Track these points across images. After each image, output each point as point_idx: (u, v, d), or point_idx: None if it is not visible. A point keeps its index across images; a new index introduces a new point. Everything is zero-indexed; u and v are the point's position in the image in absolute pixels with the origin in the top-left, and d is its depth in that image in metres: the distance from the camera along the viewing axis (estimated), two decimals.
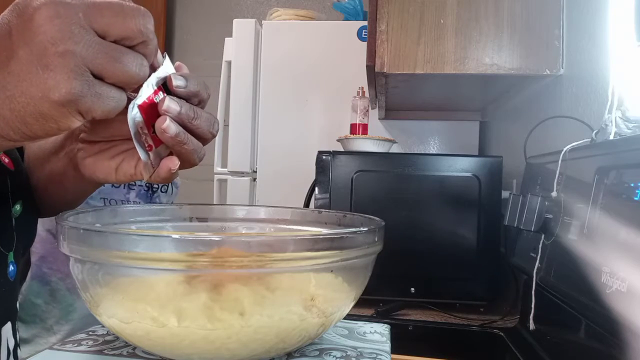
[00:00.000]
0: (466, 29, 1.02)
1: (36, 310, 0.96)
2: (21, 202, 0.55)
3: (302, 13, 1.91)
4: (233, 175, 1.84)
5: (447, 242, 1.14)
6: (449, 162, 1.16)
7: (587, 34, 0.91)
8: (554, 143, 0.83)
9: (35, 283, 0.96)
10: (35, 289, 0.97)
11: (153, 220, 0.59)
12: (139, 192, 1.05)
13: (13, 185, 0.54)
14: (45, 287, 0.97)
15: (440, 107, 1.72)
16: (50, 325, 0.97)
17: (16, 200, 0.54)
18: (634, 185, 0.54)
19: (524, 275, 0.90)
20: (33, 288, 0.96)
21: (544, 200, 0.76)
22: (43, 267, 0.97)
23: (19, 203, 0.55)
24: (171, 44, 2.65)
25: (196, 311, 0.40)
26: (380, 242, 0.48)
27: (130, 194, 1.03)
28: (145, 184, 1.04)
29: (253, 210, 0.66)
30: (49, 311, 0.97)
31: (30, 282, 0.96)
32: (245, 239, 0.42)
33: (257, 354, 0.44)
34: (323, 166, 1.18)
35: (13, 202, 0.54)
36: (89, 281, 0.44)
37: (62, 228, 0.43)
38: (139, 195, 1.06)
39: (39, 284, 0.97)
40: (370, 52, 1.06)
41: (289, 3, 2.35)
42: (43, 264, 0.97)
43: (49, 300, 0.97)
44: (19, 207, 0.55)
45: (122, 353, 0.47)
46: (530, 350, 0.83)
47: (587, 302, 0.59)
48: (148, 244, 0.40)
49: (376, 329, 0.56)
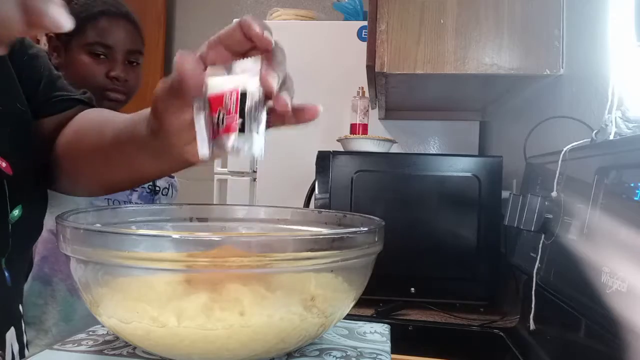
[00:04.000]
0: (466, 29, 1.02)
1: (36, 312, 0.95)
2: (21, 206, 0.55)
3: (302, 13, 1.91)
4: (233, 175, 1.84)
5: (447, 242, 1.14)
6: (449, 162, 1.16)
7: (587, 34, 0.91)
8: (554, 143, 0.83)
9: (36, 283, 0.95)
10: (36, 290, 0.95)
11: (153, 220, 0.59)
12: (141, 193, 1.05)
13: (11, 189, 0.53)
14: (47, 287, 0.95)
15: (440, 107, 1.72)
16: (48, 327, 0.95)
17: (15, 205, 0.54)
18: (634, 185, 0.54)
19: (524, 275, 0.90)
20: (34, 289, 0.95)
21: (544, 200, 0.76)
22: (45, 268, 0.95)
23: (18, 208, 0.54)
24: (171, 44, 2.65)
25: (196, 311, 0.40)
26: (380, 242, 0.48)
27: (133, 195, 1.03)
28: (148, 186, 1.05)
29: (253, 210, 0.66)
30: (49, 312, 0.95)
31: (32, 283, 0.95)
32: (246, 239, 0.42)
33: (257, 354, 0.44)
34: (323, 166, 1.18)
35: (11, 207, 0.53)
36: (89, 281, 0.44)
37: (62, 228, 0.43)
38: (141, 197, 1.05)
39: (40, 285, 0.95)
40: (370, 52, 1.06)
41: (289, 3, 2.35)
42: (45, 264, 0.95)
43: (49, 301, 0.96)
44: (18, 211, 0.54)
45: (122, 353, 0.47)
46: (530, 350, 0.83)
47: (587, 302, 0.59)
48: (148, 244, 0.40)
49: (376, 329, 0.56)
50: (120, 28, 1.02)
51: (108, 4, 1.02)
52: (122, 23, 1.02)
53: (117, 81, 1.01)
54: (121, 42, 1.01)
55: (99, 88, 0.99)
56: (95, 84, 0.98)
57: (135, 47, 1.04)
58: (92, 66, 0.99)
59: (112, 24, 1.01)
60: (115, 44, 1.00)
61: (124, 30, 1.02)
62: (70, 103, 0.64)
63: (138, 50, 1.05)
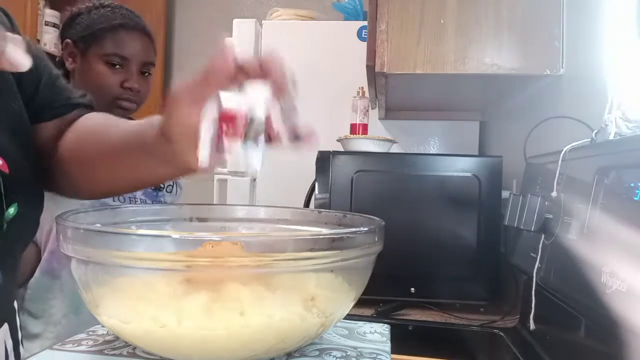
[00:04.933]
0: (466, 29, 1.02)
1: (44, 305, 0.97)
2: (16, 204, 0.55)
3: (302, 13, 1.91)
4: (233, 175, 1.84)
5: (447, 242, 1.14)
6: (449, 162, 1.16)
7: (587, 34, 0.91)
8: (554, 143, 0.83)
9: (45, 278, 0.97)
10: (45, 284, 0.97)
11: (153, 220, 0.59)
12: (145, 190, 1.07)
13: (7, 187, 0.53)
14: (55, 281, 0.97)
15: (440, 107, 1.72)
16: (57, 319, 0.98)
17: (10, 203, 0.54)
18: (634, 185, 0.54)
19: (524, 275, 0.90)
20: (43, 283, 0.97)
21: (544, 200, 0.76)
22: (53, 262, 0.97)
23: (14, 206, 0.54)
24: (171, 44, 2.65)
25: (196, 311, 0.40)
26: (380, 242, 0.48)
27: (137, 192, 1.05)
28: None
29: (253, 210, 0.66)
30: (57, 306, 0.98)
31: (40, 277, 0.97)
32: (246, 239, 0.42)
33: (257, 354, 0.44)
34: (323, 166, 1.17)
35: (7, 205, 0.53)
36: (89, 281, 0.44)
37: (62, 228, 0.43)
38: (145, 193, 1.08)
39: (49, 279, 0.97)
40: (370, 52, 1.06)
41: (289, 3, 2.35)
42: (53, 258, 0.97)
43: (58, 295, 0.98)
44: (14, 210, 0.54)
45: (122, 353, 0.47)
46: (530, 350, 0.83)
47: (587, 302, 0.59)
48: (148, 244, 0.40)
49: (376, 329, 0.56)
50: (137, 41, 1.06)
51: (127, 18, 1.06)
52: (138, 36, 1.06)
53: (130, 91, 1.04)
54: (137, 54, 1.05)
55: (113, 97, 1.03)
56: (110, 93, 1.02)
57: (149, 59, 1.08)
58: (108, 76, 1.03)
59: (130, 36, 1.05)
60: (131, 56, 1.04)
61: (140, 43, 1.06)
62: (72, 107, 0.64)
63: (151, 62, 1.09)
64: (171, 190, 1.14)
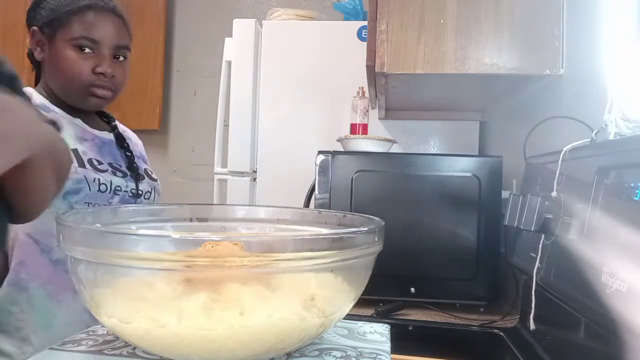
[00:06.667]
0: (466, 29, 1.02)
1: (11, 319, 0.89)
2: None
3: (302, 13, 1.91)
4: (233, 175, 1.84)
5: (447, 242, 1.14)
6: (449, 162, 1.16)
7: (587, 34, 0.91)
8: (554, 143, 0.83)
9: (11, 290, 0.89)
10: (11, 296, 0.89)
11: (153, 220, 0.59)
12: (123, 197, 0.99)
13: None
14: (22, 293, 0.89)
15: (440, 107, 1.72)
16: (26, 334, 0.89)
17: None
18: (634, 185, 0.54)
19: (524, 275, 0.90)
20: (9, 295, 0.89)
21: (544, 200, 0.76)
22: (21, 273, 0.89)
23: None
24: (171, 44, 2.64)
25: (196, 311, 0.40)
26: (380, 242, 0.48)
27: (115, 199, 0.97)
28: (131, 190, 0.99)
29: (253, 210, 0.66)
30: (25, 320, 0.89)
31: (7, 289, 0.88)
32: (245, 239, 0.42)
33: (257, 353, 0.44)
34: (323, 166, 1.18)
35: None
36: (89, 281, 0.44)
37: (62, 228, 0.43)
38: (122, 201, 0.99)
39: (15, 291, 0.89)
40: (370, 52, 1.06)
41: (289, 3, 2.35)
42: (21, 269, 0.89)
43: (25, 309, 0.89)
44: None
45: (122, 353, 0.47)
46: (530, 350, 0.83)
47: (587, 302, 0.59)
48: (148, 244, 0.40)
49: (376, 329, 0.56)
50: (108, 22, 0.97)
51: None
52: (109, 17, 0.98)
53: (103, 77, 0.96)
54: (108, 36, 0.97)
55: (85, 84, 0.95)
56: (81, 80, 0.95)
57: (123, 42, 1.00)
58: (77, 61, 0.94)
59: (99, 18, 0.96)
60: (101, 39, 0.96)
61: (111, 25, 0.98)
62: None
63: (125, 45, 1.00)
64: (149, 197, 1.06)
